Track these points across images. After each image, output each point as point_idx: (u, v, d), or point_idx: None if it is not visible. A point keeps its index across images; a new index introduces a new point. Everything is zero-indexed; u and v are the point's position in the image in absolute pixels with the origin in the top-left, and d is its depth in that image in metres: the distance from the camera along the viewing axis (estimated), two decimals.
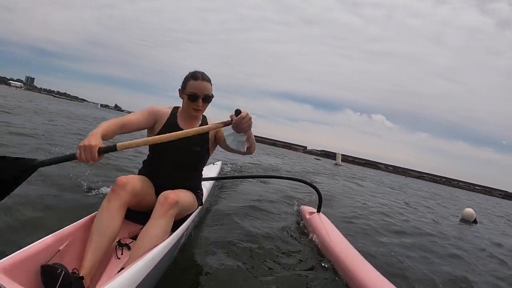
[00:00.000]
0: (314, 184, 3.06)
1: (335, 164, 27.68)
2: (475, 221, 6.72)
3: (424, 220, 5.77)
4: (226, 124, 1.48)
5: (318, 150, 60.11)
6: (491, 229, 6.69)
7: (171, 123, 1.77)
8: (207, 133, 1.80)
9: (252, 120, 1.43)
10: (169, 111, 1.83)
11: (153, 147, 1.78)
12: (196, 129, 1.47)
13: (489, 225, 7.40)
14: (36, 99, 29.18)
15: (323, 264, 2.18)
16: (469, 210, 6.90)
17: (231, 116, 1.43)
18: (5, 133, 4.96)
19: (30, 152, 3.99)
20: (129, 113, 1.82)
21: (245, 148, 1.57)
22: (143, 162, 1.87)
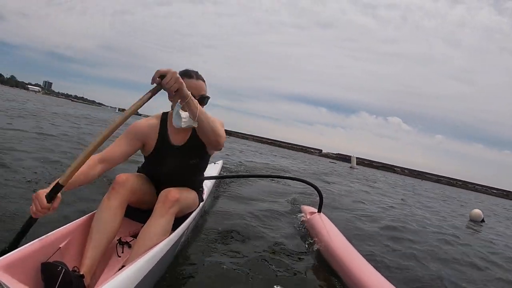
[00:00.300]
0: (315, 184, 3.04)
1: (350, 167, 27.46)
2: (482, 221, 7.00)
3: (430, 220, 5.75)
4: (154, 91, 1.24)
5: (333, 154, 59.39)
6: (497, 228, 6.82)
7: (163, 139, 1.59)
8: (201, 141, 1.54)
9: (178, 75, 1.22)
10: (158, 122, 1.62)
11: (148, 159, 1.66)
12: (130, 109, 1.19)
13: (496, 224, 7.53)
14: (56, 103, 30.18)
15: (323, 264, 2.17)
16: (476, 210, 7.19)
17: (155, 81, 1.22)
18: (41, 137, 5.35)
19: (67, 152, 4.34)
20: (147, 117, 1.66)
21: (184, 124, 1.37)
22: (143, 163, 1.78)
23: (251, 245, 2.29)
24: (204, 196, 2.05)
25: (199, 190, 1.87)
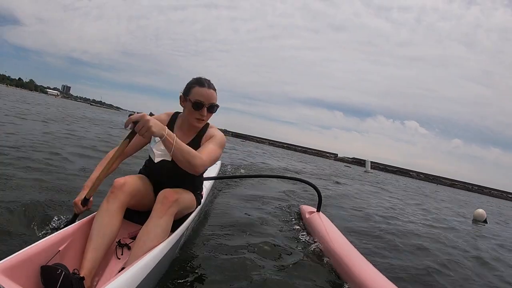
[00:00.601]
0: (314, 183, 3.05)
1: (365, 171, 27.26)
2: (485, 221, 7.21)
3: (429, 219, 5.83)
4: (130, 136, 1.36)
5: (349, 158, 58.71)
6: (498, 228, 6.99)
7: None
8: (201, 142, 1.68)
9: (150, 123, 1.26)
10: (167, 119, 1.73)
11: (150, 160, 1.67)
12: (115, 154, 1.43)
13: (497, 226, 7.64)
14: (75, 107, 31.18)
15: (322, 263, 2.18)
16: (480, 211, 7.43)
17: (128, 126, 1.31)
18: (76, 142, 5.67)
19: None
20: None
21: (156, 159, 1.41)
22: (145, 163, 1.83)
23: (250, 245, 2.30)
24: (203, 197, 2.05)
25: (197, 190, 1.88)
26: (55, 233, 1.24)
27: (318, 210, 2.96)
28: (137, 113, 1.33)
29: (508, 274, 3.08)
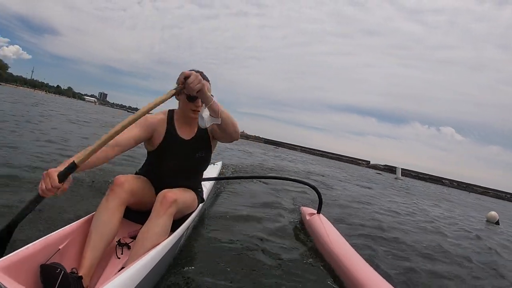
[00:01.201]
0: (314, 185, 3.05)
1: (395, 178, 27.25)
2: (497, 223, 7.48)
3: (443, 224, 5.75)
4: (178, 90, 1.35)
5: (381, 165, 58.59)
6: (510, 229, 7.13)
7: (171, 133, 1.68)
8: (208, 135, 1.75)
9: (202, 82, 1.33)
10: (165, 117, 1.72)
11: (153, 154, 1.71)
12: (143, 109, 1.27)
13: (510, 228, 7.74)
14: (115, 114, 32.28)
15: (322, 265, 2.17)
16: (493, 213, 7.79)
17: (180, 81, 1.34)
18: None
19: None
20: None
21: (209, 124, 1.44)
22: (143, 164, 1.83)
23: (250, 245, 2.29)
24: (204, 197, 2.05)
25: (197, 190, 1.88)
26: (55, 231, 1.24)
27: (318, 212, 2.96)
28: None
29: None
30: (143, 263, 1.17)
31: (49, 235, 1.20)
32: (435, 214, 6.89)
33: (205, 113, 1.43)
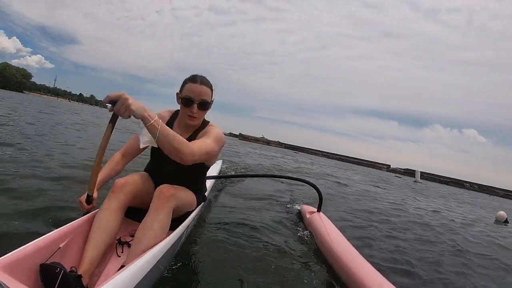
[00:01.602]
0: (314, 183, 3.06)
1: (414, 181, 27.10)
2: (506, 221, 7.67)
3: (453, 219, 5.93)
4: (113, 120, 1.23)
5: (401, 169, 57.98)
6: None
7: None
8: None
9: (130, 101, 1.14)
10: (168, 115, 1.74)
11: (153, 152, 1.71)
12: (101, 144, 1.26)
13: None
14: (135, 120, 32.39)
15: (322, 263, 2.18)
16: (501, 212, 8.04)
17: (105, 104, 1.19)
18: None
19: None
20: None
21: (142, 144, 1.30)
22: (148, 163, 1.84)
23: (250, 244, 2.30)
24: (205, 196, 2.04)
25: (199, 192, 1.87)
26: (56, 230, 1.24)
27: (318, 210, 2.97)
28: None
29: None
30: (144, 261, 1.17)
31: (50, 233, 1.20)
32: (443, 213, 6.92)
33: (144, 131, 1.27)
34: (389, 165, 63.08)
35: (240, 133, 74.54)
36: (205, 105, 1.62)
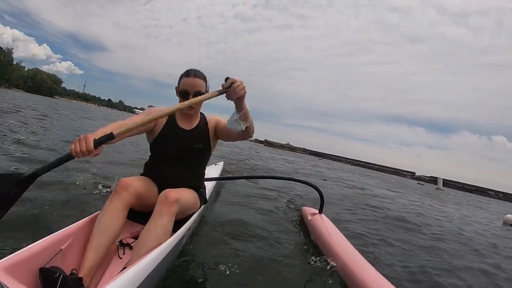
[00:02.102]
0: (316, 185, 3.05)
1: (436, 188, 26.78)
2: None
3: (461, 222, 6.06)
4: (221, 91, 1.45)
5: (427, 176, 56.80)
6: None
7: (171, 123, 1.78)
8: (208, 129, 1.83)
9: (246, 89, 1.43)
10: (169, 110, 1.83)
11: (154, 147, 1.77)
12: (189, 101, 1.46)
13: None
14: None
15: (324, 266, 2.16)
16: (509, 215, 8.21)
17: (222, 85, 1.44)
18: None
19: None
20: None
21: (244, 126, 1.56)
22: (145, 164, 1.87)
23: (252, 246, 2.30)
24: (206, 198, 2.04)
25: (200, 190, 1.90)
26: (57, 231, 1.24)
27: (320, 212, 2.96)
28: None
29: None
30: (145, 263, 1.17)
31: (51, 235, 1.20)
32: (453, 216, 6.96)
33: (234, 117, 1.55)
34: (414, 173, 62.61)
35: (265, 139, 75.91)
36: (199, 95, 1.67)
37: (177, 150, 1.75)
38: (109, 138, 1.22)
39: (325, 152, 75.33)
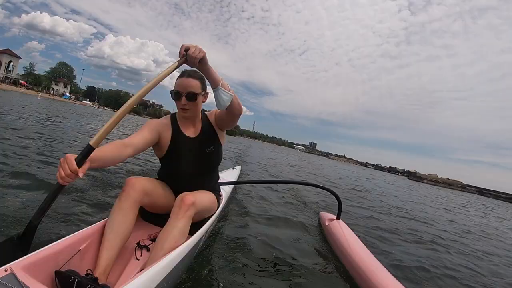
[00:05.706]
0: (334, 191, 2.98)
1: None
2: None
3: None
4: (180, 62, 1.35)
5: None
6: None
7: (176, 134, 1.69)
8: (212, 128, 1.75)
9: (202, 50, 1.35)
10: (169, 121, 1.73)
11: (165, 158, 1.71)
12: (159, 75, 1.28)
13: None
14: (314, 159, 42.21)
15: (341, 272, 2.12)
16: None
17: (181, 53, 1.34)
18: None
19: None
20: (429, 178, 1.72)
21: (226, 96, 1.47)
22: (157, 173, 1.83)
23: (269, 250, 2.27)
24: (223, 201, 2.02)
25: (216, 192, 1.88)
26: (76, 232, 1.26)
27: (338, 218, 2.91)
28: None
29: None
30: (163, 265, 1.17)
31: (70, 235, 1.22)
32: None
33: (219, 92, 1.46)
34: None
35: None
36: (193, 97, 1.61)
37: (190, 159, 1.70)
38: (87, 151, 1.11)
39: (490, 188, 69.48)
